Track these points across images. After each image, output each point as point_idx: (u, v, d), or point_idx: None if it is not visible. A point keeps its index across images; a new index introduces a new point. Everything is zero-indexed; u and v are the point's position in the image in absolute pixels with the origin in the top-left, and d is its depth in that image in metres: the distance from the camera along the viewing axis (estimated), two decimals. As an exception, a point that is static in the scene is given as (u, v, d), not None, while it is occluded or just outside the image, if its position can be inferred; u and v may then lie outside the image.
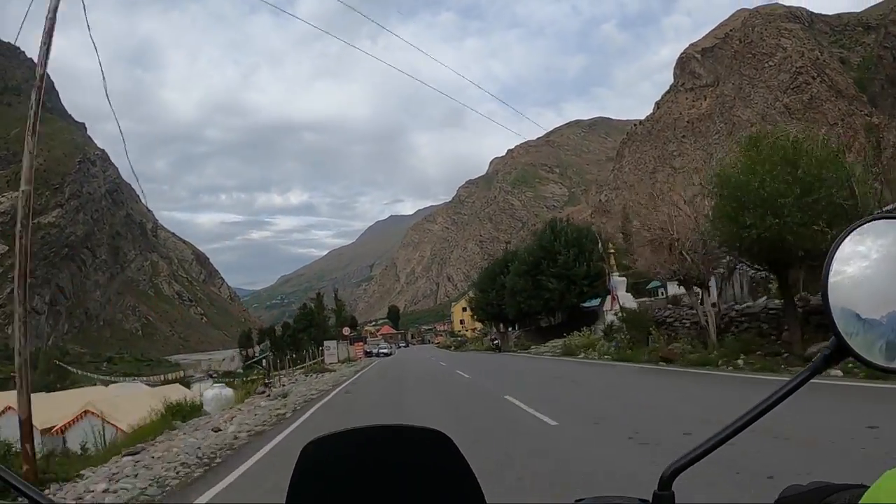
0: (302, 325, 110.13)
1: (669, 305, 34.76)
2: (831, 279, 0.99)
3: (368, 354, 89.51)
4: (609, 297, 43.58)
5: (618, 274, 48.06)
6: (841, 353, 0.96)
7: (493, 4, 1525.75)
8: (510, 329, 76.88)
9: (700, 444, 1.04)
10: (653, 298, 51.47)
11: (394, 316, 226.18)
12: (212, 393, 22.53)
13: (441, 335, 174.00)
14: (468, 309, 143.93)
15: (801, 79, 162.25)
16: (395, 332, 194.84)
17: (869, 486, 0.87)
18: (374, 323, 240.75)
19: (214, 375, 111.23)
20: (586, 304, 54.74)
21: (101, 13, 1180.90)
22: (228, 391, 23.88)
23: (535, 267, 57.95)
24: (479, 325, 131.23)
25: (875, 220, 1.06)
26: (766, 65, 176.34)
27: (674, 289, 42.14)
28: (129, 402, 25.73)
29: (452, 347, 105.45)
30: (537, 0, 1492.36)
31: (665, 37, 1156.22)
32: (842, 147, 21.25)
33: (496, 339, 68.05)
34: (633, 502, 1.04)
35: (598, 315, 48.11)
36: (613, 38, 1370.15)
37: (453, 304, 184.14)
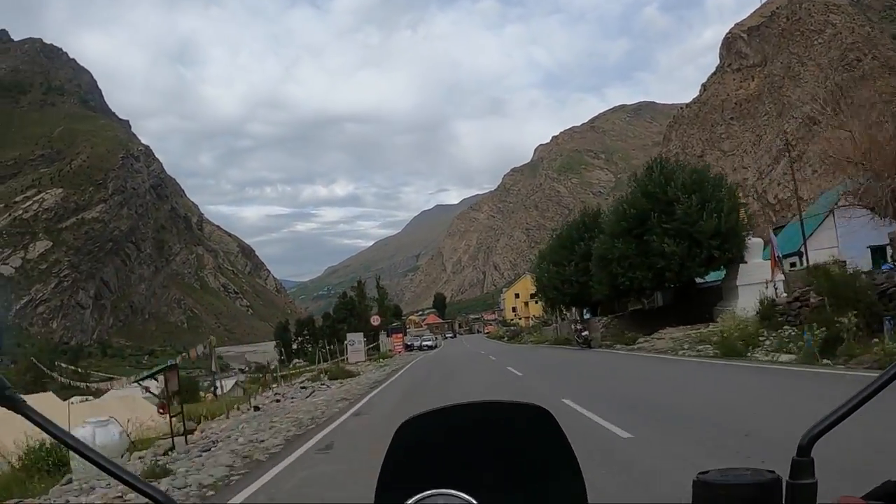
0: (342, 316, 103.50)
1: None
2: None
3: (409, 348, 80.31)
4: (769, 262, 32.45)
5: (772, 229, 38.75)
6: None
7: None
8: (591, 315, 56.17)
9: (835, 409, 1.00)
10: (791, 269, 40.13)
11: (440, 304, 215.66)
12: (84, 432, 13.21)
13: (491, 324, 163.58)
14: (520, 295, 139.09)
15: (853, 55, 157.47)
16: (441, 321, 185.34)
17: (770, 471, 0.92)
18: (420, 313, 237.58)
19: (245, 369, 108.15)
20: (705, 279, 41.70)
21: (142, 12, 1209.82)
22: (115, 430, 14.63)
23: (641, 223, 38.38)
24: (534, 312, 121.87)
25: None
26: (816, 42, 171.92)
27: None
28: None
29: (506, 338, 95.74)
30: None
31: (708, 18, 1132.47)
32: None
33: (583, 329, 43.27)
34: (760, 473, 1.00)
35: (725, 292, 36.99)
36: (656, 21, 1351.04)
37: (504, 290, 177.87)
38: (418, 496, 1.09)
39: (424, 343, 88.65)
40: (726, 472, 1.02)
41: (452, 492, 1.09)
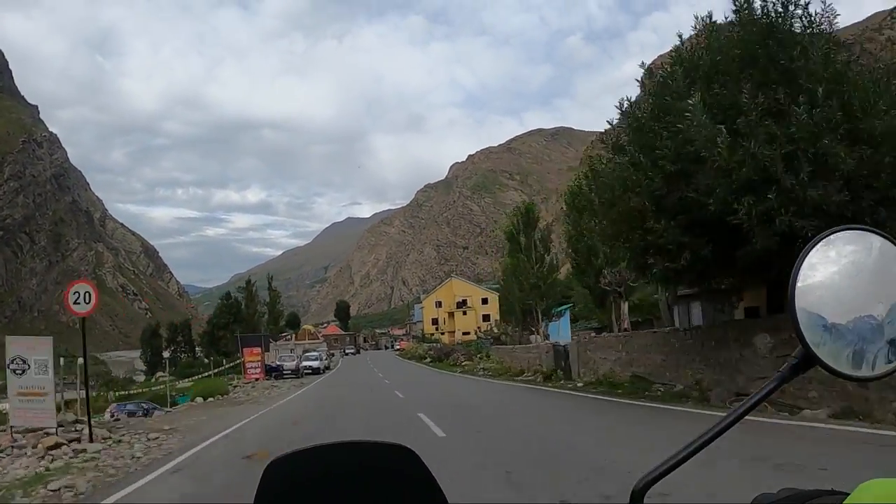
0: (224, 321, 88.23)
1: None
2: (798, 290, 0.99)
3: (273, 373, 53.68)
4: None
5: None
6: (808, 362, 0.98)
7: (461, 10, 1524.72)
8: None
9: (671, 456, 1.03)
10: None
11: (342, 314, 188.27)
12: None
13: (405, 340, 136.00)
14: (443, 304, 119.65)
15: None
16: (342, 333, 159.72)
17: (841, 492, 0.87)
18: (324, 325, 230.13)
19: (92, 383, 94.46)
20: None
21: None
22: None
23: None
24: (463, 326, 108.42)
25: (841, 231, 1.06)
26: None
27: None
28: None
29: (428, 359, 71.05)
30: (506, 9, 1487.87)
31: (630, 51, 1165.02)
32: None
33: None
34: None
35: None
36: (579, 51, 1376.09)
37: (422, 296, 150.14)
38: None
39: (307, 364, 60.34)
40: None
41: None
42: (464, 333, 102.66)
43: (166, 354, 76.27)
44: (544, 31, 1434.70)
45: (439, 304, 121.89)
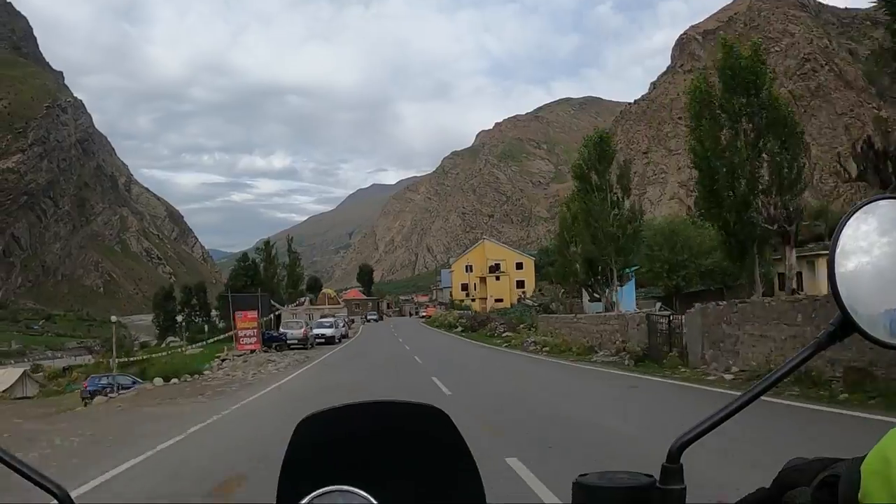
0: (241, 283, 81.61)
1: None
2: (838, 256, 1.02)
3: (272, 343, 45.79)
4: None
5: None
6: (845, 329, 0.99)
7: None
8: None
9: (707, 417, 1.04)
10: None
11: (365, 278, 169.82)
12: None
13: (432, 305, 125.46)
14: (474, 268, 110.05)
15: (809, 66, 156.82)
16: (364, 297, 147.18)
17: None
18: (346, 290, 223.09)
19: (97, 348, 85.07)
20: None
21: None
22: None
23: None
24: (496, 293, 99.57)
25: (884, 199, 1.08)
26: (772, 49, 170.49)
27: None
28: None
29: (459, 328, 62.87)
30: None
31: (660, 22, 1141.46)
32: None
33: None
34: (637, 477, 1.03)
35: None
36: (608, 20, 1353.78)
37: (451, 260, 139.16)
38: (317, 492, 1.11)
39: (320, 332, 52.36)
40: (604, 476, 1.06)
41: (351, 489, 1.11)
42: (496, 301, 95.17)
43: (179, 318, 71.08)
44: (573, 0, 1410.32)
45: (469, 269, 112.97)
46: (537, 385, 19.61)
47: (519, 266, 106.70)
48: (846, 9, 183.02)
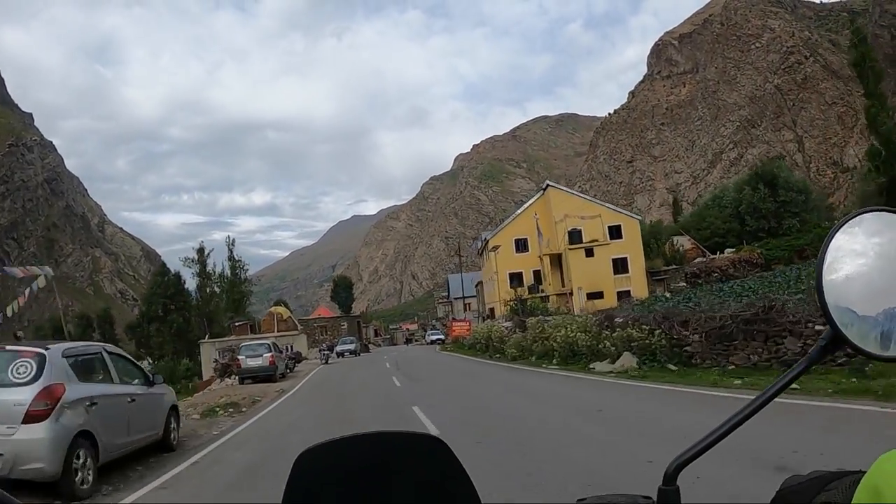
0: (157, 308, 67.02)
1: None
2: (825, 270, 1.01)
3: None
4: None
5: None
6: (836, 343, 0.98)
7: (459, 2, 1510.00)
8: None
9: (703, 437, 1.04)
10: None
11: (344, 293, 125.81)
12: None
13: (464, 320, 74.95)
14: (528, 244, 66.34)
15: (794, 59, 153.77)
16: (335, 316, 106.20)
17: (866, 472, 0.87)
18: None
19: None
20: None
21: (63, 7, 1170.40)
22: None
23: None
24: (585, 278, 60.07)
25: (869, 212, 1.07)
26: (753, 46, 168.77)
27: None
28: None
29: (555, 361, 25.99)
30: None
31: (631, 36, 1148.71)
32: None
33: None
34: (635, 499, 1.03)
35: None
36: (579, 38, 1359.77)
37: (481, 242, 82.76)
38: None
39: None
40: (603, 498, 1.06)
41: None
42: (591, 296, 56.65)
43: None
44: (544, 20, 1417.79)
45: (522, 245, 67.22)
46: None
47: (614, 232, 64.30)
48: (821, 2, 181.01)
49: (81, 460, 9.39)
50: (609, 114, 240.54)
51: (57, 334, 71.03)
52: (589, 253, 63.01)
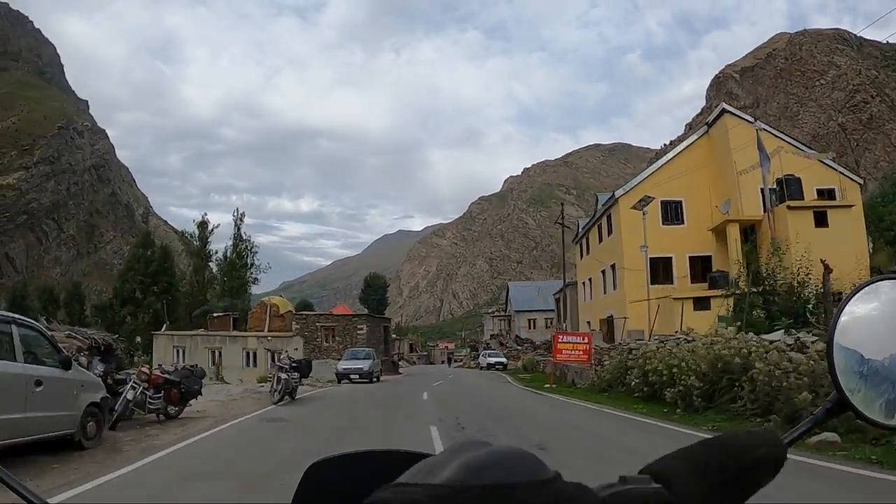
0: (133, 287, 55.37)
1: None
2: (838, 333, 1.01)
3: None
4: None
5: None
6: (841, 407, 0.99)
7: (519, 26, 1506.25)
8: None
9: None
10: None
11: (376, 294, 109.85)
12: None
13: (579, 337, 33.27)
14: (682, 210, 41.50)
15: (859, 97, 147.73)
16: (354, 315, 60.89)
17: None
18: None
19: None
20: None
21: (128, 2, 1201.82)
22: None
23: None
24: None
25: (887, 279, 1.08)
26: (818, 83, 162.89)
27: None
28: None
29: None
30: (564, 25, 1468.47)
31: (689, 71, 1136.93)
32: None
33: None
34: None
35: None
36: (637, 69, 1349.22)
37: (619, 193, 45.35)
38: None
39: None
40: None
41: None
42: (835, 297, 22.86)
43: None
44: (602, 48, 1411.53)
45: (674, 212, 41.87)
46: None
47: (826, 194, 38.26)
48: (888, 42, 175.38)
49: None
50: (664, 145, 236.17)
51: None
52: (820, 219, 35.68)
